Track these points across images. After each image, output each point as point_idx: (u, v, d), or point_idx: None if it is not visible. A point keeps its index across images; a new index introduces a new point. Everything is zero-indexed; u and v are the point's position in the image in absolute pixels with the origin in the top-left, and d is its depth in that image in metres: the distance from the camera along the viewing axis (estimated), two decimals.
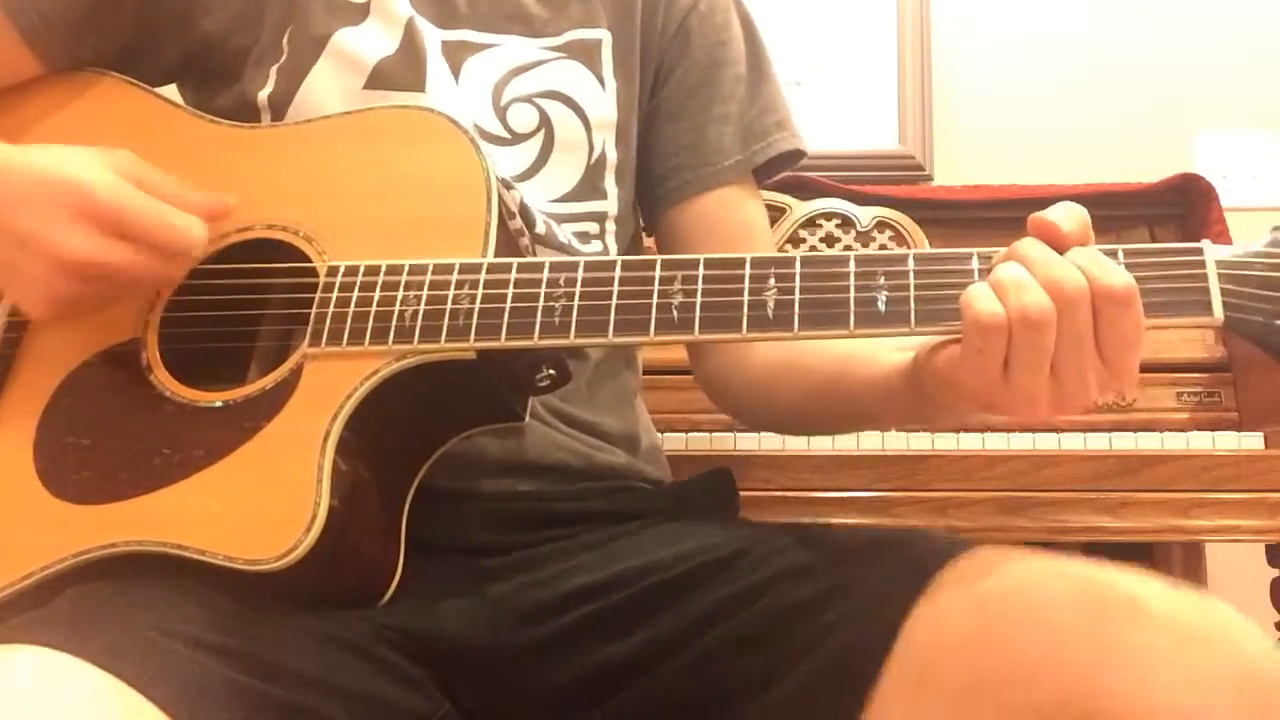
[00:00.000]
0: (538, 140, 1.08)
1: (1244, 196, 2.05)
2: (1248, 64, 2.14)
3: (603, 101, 1.11)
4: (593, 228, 1.09)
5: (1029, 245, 0.78)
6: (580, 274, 0.85)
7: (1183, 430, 1.48)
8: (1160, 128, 2.13)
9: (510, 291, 0.85)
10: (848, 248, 1.72)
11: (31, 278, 0.88)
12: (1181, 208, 1.73)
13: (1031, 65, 2.18)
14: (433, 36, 1.08)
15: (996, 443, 1.43)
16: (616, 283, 0.85)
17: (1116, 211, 1.73)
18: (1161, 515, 1.39)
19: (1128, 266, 0.77)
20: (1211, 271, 0.77)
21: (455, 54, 1.09)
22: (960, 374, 0.80)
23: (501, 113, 1.08)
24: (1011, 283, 0.76)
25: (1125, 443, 1.44)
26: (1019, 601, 0.77)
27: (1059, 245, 0.78)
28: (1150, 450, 1.42)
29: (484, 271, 0.87)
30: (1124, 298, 0.75)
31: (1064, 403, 0.77)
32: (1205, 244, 0.78)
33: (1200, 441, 1.44)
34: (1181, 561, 1.75)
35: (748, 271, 0.83)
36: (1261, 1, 2.17)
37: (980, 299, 0.76)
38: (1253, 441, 1.44)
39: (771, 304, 0.82)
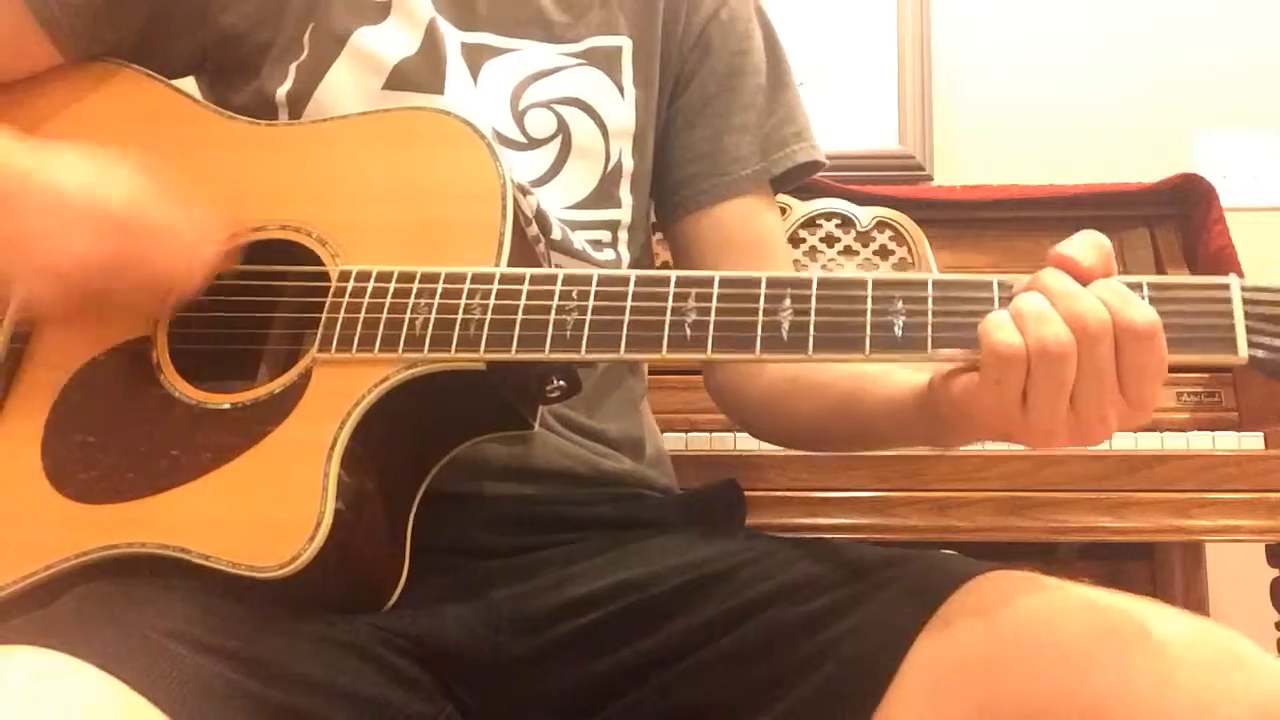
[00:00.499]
0: (554, 146, 1.08)
1: (1244, 196, 2.06)
2: (1248, 64, 2.14)
3: (621, 109, 1.10)
4: (605, 235, 1.09)
5: (1051, 276, 0.76)
6: (593, 287, 0.84)
7: (1183, 430, 1.48)
8: (1160, 128, 2.13)
9: (522, 303, 0.84)
10: (847, 248, 1.72)
11: (21, 277, 0.88)
12: (1181, 208, 1.73)
13: (1031, 65, 2.18)
14: (453, 38, 1.07)
15: (996, 443, 1.43)
16: (630, 298, 0.83)
17: (1116, 211, 1.73)
18: (1161, 515, 1.39)
19: (1152, 300, 0.75)
20: (1238, 308, 0.75)
21: (474, 56, 1.08)
22: (977, 403, 0.78)
23: (519, 117, 1.08)
24: (1031, 313, 0.74)
25: (1125, 443, 1.43)
26: (1032, 629, 0.77)
27: (1081, 278, 0.75)
28: (1150, 450, 1.42)
29: (496, 282, 0.86)
30: (1147, 333, 0.73)
31: (1082, 435, 0.76)
32: (1232, 278, 0.76)
33: (1200, 441, 1.44)
34: (1181, 561, 1.75)
35: (763, 291, 0.82)
36: (1261, 1, 2.17)
37: (999, 328, 0.74)
38: (1253, 441, 1.44)
39: (786, 325, 0.80)
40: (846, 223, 1.73)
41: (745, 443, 1.43)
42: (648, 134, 1.12)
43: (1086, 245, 0.77)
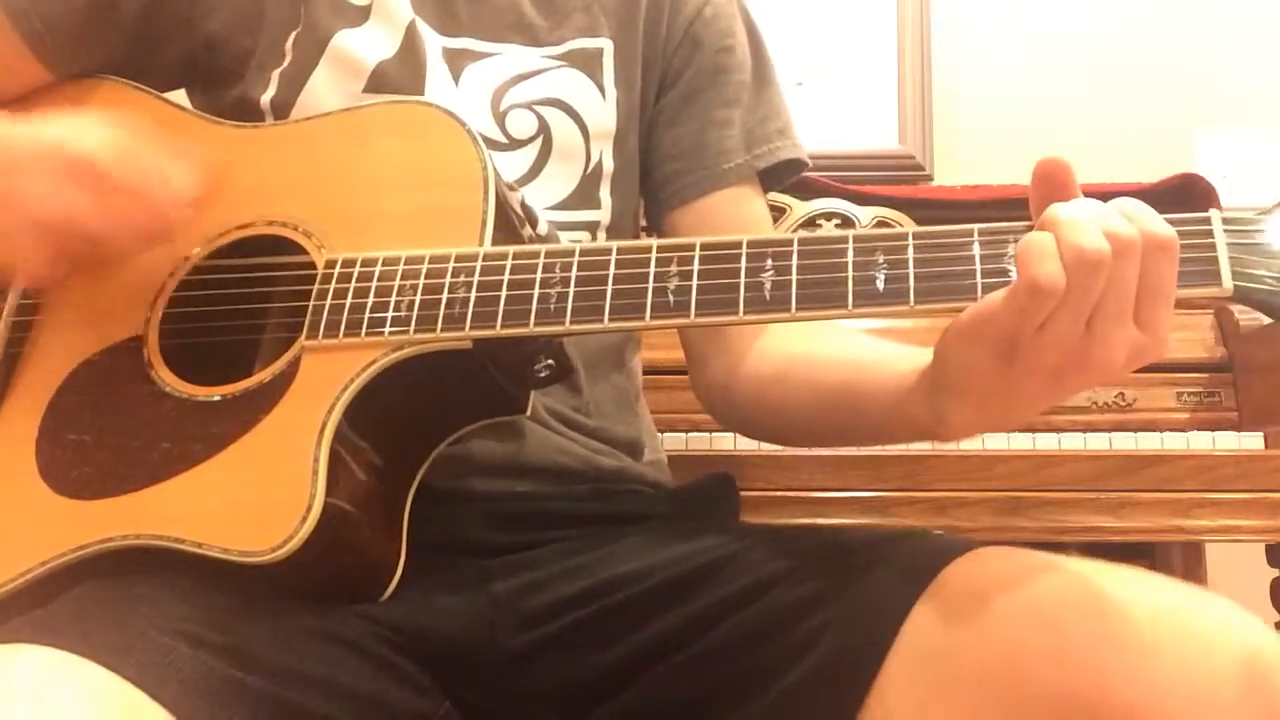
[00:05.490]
0: (535, 147, 1.08)
1: (1244, 196, 2.05)
2: (1248, 64, 2.14)
3: (602, 111, 1.11)
4: (585, 237, 1.09)
5: (1067, 203, 0.75)
6: (576, 259, 0.85)
7: (1183, 430, 1.48)
8: (1160, 128, 2.13)
9: (506, 279, 0.85)
10: None
11: (13, 240, 0.89)
12: (1181, 208, 1.72)
13: (1031, 65, 2.18)
14: (434, 42, 1.08)
15: (996, 443, 1.43)
16: (612, 267, 0.84)
17: None
18: (1161, 515, 1.39)
19: None
20: (1220, 241, 0.75)
21: (456, 60, 1.08)
22: (990, 326, 0.75)
23: (500, 118, 1.08)
24: (1072, 221, 0.72)
25: (1125, 443, 1.44)
26: (1019, 600, 0.78)
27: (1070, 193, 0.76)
28: (1150, 450, 1.43)
29: (480, 260, 0.86)
30: (1168, 243, 0.73)
31: (1088, 365, 0.74)
32: (1213, 213, 0.77)
33: (1200, 441, 1.44)
34: (1181, 561, 1.74)
35: (744, 253, 0.82)
36: (1261, 2, 2.17)
37: (1042, 258, 0.71)
38: (1253, 441, 1.44)
39: (769, 285, 0.81)
40: (846, 223, 1.73)
41: (745, 443, 1.43)
42: (628, 135, 1.12)
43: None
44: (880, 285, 0.79)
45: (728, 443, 1.45)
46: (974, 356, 0.78)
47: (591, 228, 1.10)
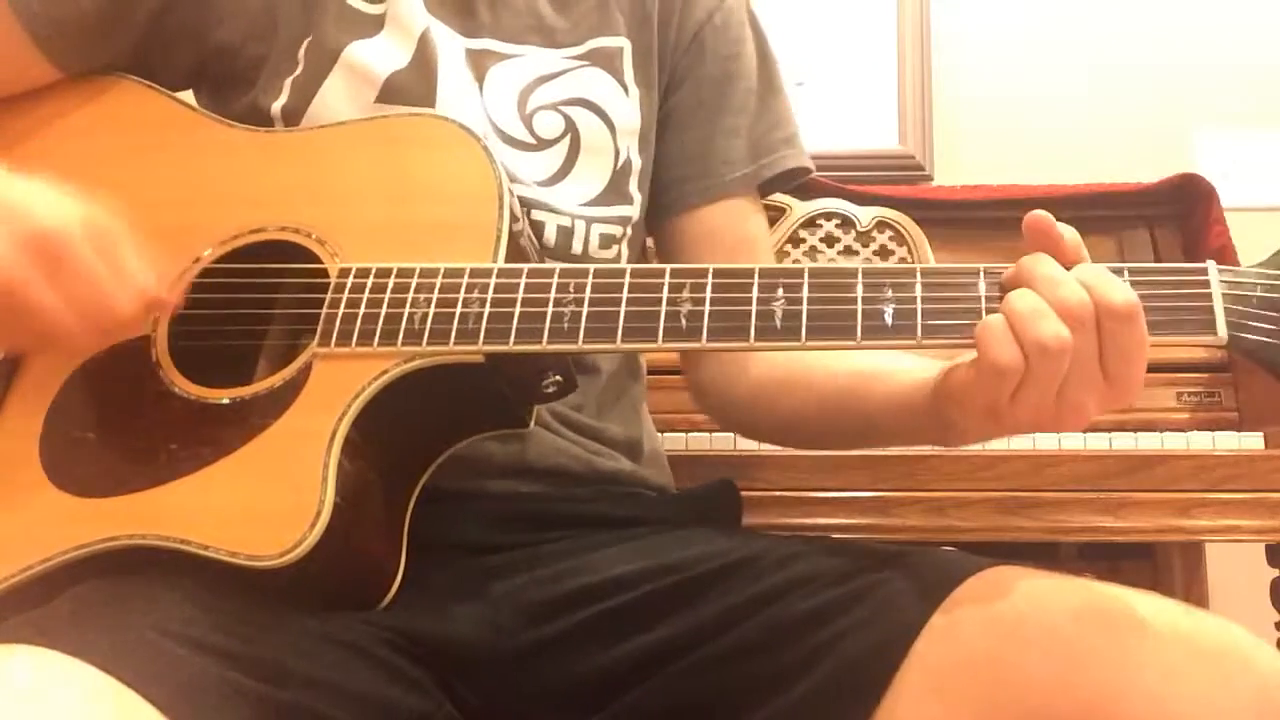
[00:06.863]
0: (564, 146, 1.09)
1: (1244, 196, 2.05)
2: (1248, 64, 2.14)
3: (627, 107, 1.11)
4: (618, 231, 1.09)
5: (1035, 262, 0.78)
6: (590, 280, 0.86)
7: (1183, 430, 1.48)
8: (1160, 128, 2.13)
9: (520, 296, 0.86)
10: (847, 248, 1.72)
11: None
12: (1181, 208, 1.73)
13: (1031, 65, 2.18)
14: (456, 45, 1.08)
15: (996, 443, 1.42)
16: (626, 289, 0.85)
17: (1116, 211, 1.73)
18: (1161, 515, 1.39)
19: (1133, 285, 0.77)
20: (1216, 290, 0.78)
21: (479, 62, 1.09)
22: (969, 398, 0.81)
23: (527, 120, 1.08)
24: (1027, 312, 0.76)
25: (1125, 443, 1.44)
26: (1031, 622, 0.78)
27: (1061, 257, 0.79)
28: (1150, 450, 1.42)
29: (494, 276, 0.87)
30: (1125, 313, 0.75)
31: (1062, 423, 0.78)
32: (1210, 264, 0.79)
33: (1200, 441, 1.44)
34: (1181, 561, 1.75)
35: (756, 281, 0.84)
36: (1261, 2, 2.17)
37: (996, 343, 0.76)
38: (1253, 441, 1.44)
39: (779, 314, 0.83)
40: (846, 223, 1.73)
41: (745, 443, 1.43)
42: (650, 133, 1.13)
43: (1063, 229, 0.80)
44: (888, 319, 0.82)
45: (727, 443, 1.45)
46: (961, 415, 0.84)
47: (624, 222, 1.10)
